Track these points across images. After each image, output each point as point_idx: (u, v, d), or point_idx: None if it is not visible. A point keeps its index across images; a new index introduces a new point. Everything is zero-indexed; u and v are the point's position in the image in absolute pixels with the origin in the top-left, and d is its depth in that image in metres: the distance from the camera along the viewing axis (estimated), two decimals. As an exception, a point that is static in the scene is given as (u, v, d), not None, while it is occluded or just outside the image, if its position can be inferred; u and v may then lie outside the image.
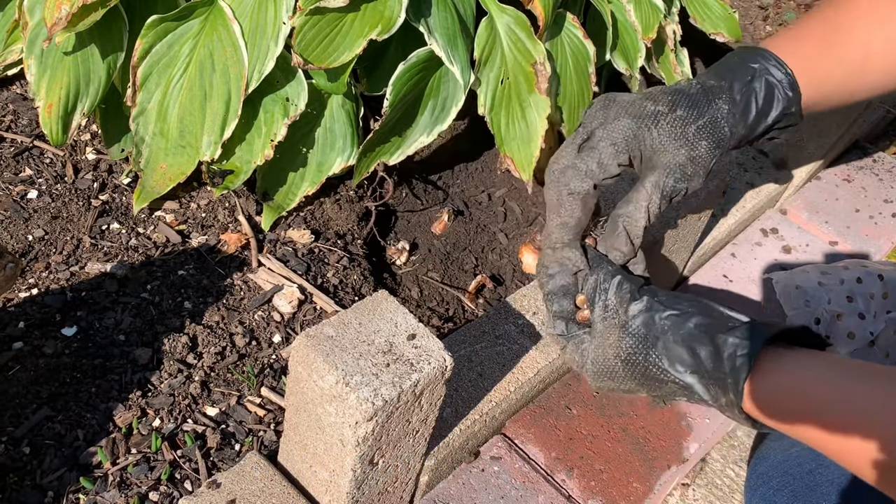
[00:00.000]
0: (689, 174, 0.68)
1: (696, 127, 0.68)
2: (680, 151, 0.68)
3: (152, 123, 0.96)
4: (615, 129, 0.68)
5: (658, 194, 0.68)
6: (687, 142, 0.68)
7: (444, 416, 0.75)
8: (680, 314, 0.63)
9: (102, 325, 0.86)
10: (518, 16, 1.02)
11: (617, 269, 0.67)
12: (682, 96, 0.69)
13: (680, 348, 0.62)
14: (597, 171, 0.67)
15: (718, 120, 0.68)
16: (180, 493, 0.75)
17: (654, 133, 0.68)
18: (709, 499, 0.83)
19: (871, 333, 0.98)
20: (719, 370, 0.60)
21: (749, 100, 0.70)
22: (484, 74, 1.02)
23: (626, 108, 0.68)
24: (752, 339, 0.60)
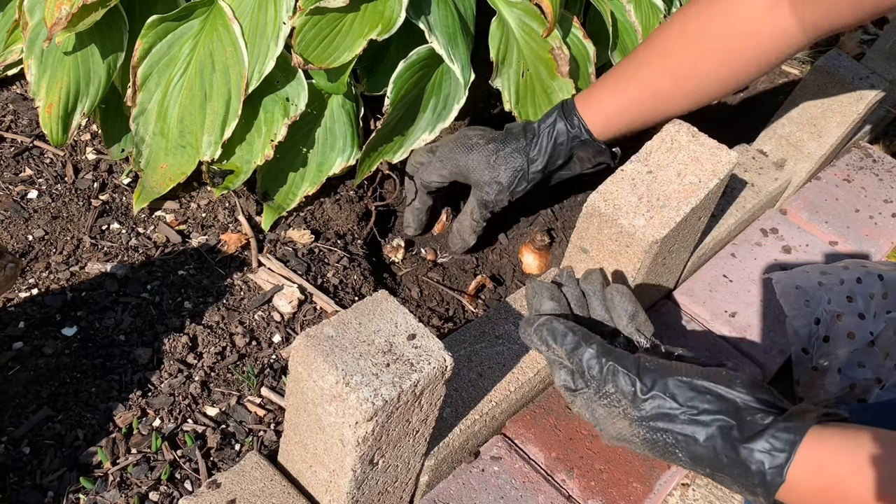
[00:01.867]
0: (495, 191, 0.97)
1: (497, 156, 0.96)
2: (485, 174, 0.97)
3: (152, 123, 0.96)
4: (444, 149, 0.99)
5: (476, 209, 1.00)
6: (489, 166, 0.96)
7: (444, 416, 0.75)
8: (698, 413, 0.63)
9: (102, 325, 0.86)
10: (528, 6, 1.03)
11: (597, 343, 0.67)
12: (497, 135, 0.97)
13: (701, 449, 0.62)
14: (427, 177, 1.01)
15: (517, 151, 0.96)
16: (180, 493, 0.75)
17: (467, 157, 0.97)
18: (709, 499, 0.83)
19: (871, 333, 0.98)
20: (748, 480, 0.61)
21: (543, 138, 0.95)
22: (504, 73, 1.03)
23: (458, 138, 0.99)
24: (780, 451, 0.59)
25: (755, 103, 1.52)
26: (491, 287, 1.06)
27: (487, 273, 1.08)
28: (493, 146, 0.96)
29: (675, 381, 0.64)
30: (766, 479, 0.59)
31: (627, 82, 0.92)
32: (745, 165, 1.14)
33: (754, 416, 0.61)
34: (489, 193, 0.97)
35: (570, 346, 0.66)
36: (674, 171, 0.88)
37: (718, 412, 0.62)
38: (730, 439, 0.61)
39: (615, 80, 0.94)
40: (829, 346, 0.98)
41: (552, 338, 0.67)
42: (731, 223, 1.06)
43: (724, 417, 0.62)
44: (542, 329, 0.68)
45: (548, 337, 0.67)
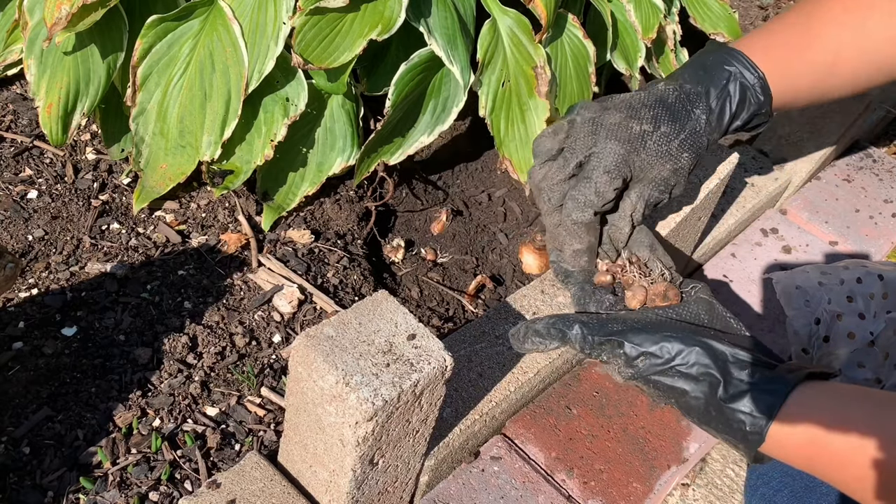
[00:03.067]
0: (671, 184, 0.73)
1: (679, 141, 0.72)
2: (665, 166, 0.72)
3: (152, 123, 0.96)
4: (606, 156, 0.71)
5: (642, 203, 0.72)
6: (671, 157, 0.72)
7: (444, 416, 0.75)
8: (689, 366, 0.64)
9: (102, 325, 0.86)
10: (519, 18, 1.02)
11: (578, 324, 0.67)
12: (663, 109, 0.73)
13: (691, 401, 0.64)
14: (595, 200, 0.70)
15: (698, 131, 0.73)
16: (180, 493, 0.75)
17: (642, 155, 0.71)
18: (709, 499, 0.83)
19: (871, 333, 0.98)
20: (731, 435, 0.62)
21: (724, 105, 0.74)
22: (486, 76, 1.02)
23: (615, 133, 0.71)
24: (761, 413, 0.60)
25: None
26: (491, 287, 1.06)
27: (487, 273, 1.08)
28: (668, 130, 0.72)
29: (665, 336, 0.65)
30: (748, 438, 0.61)
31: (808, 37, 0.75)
32: (745, 165, 1.14)
33: (741, 373, 0.62)
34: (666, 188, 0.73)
35: (558, 339, 0.67)
36: (674, 171, 0.88)
37: (707, 365, 0.63)
38: (715, 396, 0.62)
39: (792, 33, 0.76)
40: (830, 346, 0.98)
41: (541, 339, 0.68)
42: (731, 223, 1.06)
43: (712, 372, 0.63)
44: (529, 338, 0.69)
45: (538, 341, 0.68)
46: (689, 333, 0.65)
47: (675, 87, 0.74)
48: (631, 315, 0.68)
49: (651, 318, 0.67)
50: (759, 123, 0.78)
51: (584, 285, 0.72)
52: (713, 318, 0.69)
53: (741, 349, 0.64)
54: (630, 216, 0.72)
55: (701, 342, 0.64)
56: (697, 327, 0.67)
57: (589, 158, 0.71)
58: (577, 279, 0.72)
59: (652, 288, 0.70)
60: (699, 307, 0.69)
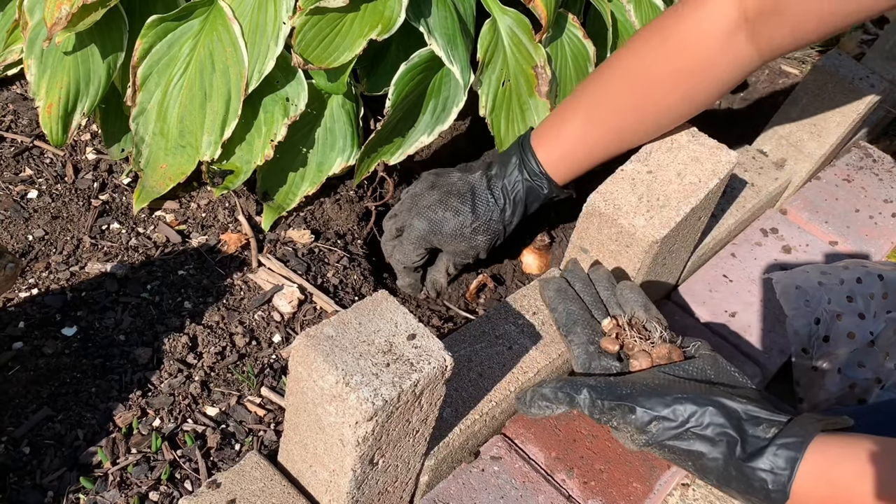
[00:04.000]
0: (470, 255, 0.97)
1: (473, 228, 0.94)
2: (460, 245, 0.95)
3: (152, 123, 0.96)
4: (413, 231, 0.95)
5: (451, 265, 1.00)
6: (465, 238, 0.94)
7: (444, 416, 0.75)
8: (703, 427, 0.64)
9: (102, 325, 0.86)
10: (519, 17, 1.02)
11: (586, 388, 0.68)
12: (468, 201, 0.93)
13: (709, 463, 0.64)
14: (406, 261, 0.99)
15: (493, 219, 0.94)
16: (180, 492, 0.75)
17: (439, 235, 0.94)
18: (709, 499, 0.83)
19: (870, 333, 0.98)
20: (753, 495, 0.63)
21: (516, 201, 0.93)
22: (486, 76, 1.02)
23: (423, 214, 0.94)
24: (783, 469, 0.60)
25: (755, 103, 1.52)
26: (491, 287, 1.06)
27: (487, 273, 1.08)
28: (464, 218, 0.93)
29: (676, 398, 0.64)
30: (771, 497, 0.60)
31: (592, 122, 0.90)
32: (745, 165, 1.14)
33: (756, 430, 0.62)
34: (465, 257, 0.98)
35: (566, 403, 0.68)
36: (674, 171, 0.88)
37: (722, 425, 0.63)
38: (734, 456, 0.62)
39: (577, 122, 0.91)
40: (830, 346, 0.98)
41: (548, 403, 0.69)
42: (731, 223, 1.06)
43: (728, 431, 0.62)
44: (535, 402, 0.70)
45: (545, 405, 0.69)
46: (699, 393, 0.65)
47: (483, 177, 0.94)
48: (639, 377, 0.68)
49: (659, 378, 0.67)
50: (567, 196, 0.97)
51: (587, 347, 0.72)
52: (719, 373, 0.69)
53: (753, 404, 0.64)
54: (445, 270, 1.01)
55: (713, 401, 0.64)
56: (706, 385, 0.67)
57: (403, 229, 0.97)
58: (580, 338, 0.73)
59: (655, 351, 0.71)
60: (704, 363, 0.69)
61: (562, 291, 0.78)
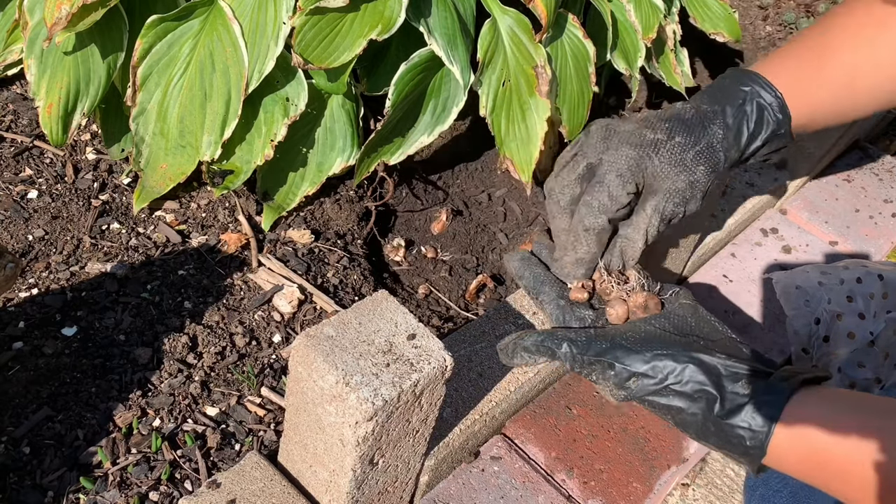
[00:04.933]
0: (687, 198, 0.71)
1: (694, 153, 0.70)
2: (680, 177, 0.70)
3: (152, 123, 0.96)
4: (618, 159, 0.69)
5: (657, 217, 0.70)
6: (686, 167, 0.70)
7: (444, 416, 0.75)
8: (683, 383, 0.64)
9: (102, 325, 0.86)
10: (519, 17, 1.02)
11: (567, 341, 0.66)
12: (679, 123, 0.71)
13: (688, 417, 0.64)
14: (609, 205, 0.68)
15: (714, 145, 0.71)
16: (180, 492, 0.75)
17: (654, 161, 0.69)
18: (709, 499, 0.83)
19: (870, 333, 0.98)
20: (731, 450, 0.62)
21: (741, 123, 0.73)
22: (486, 76, 1.02)
23: (627, 138, 0.70)
24: (760, 427, 0.60)
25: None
26: (491, 287, 1.06)
27: (488, 273, 1.08)
28: (683, 140, 0.71)
29: (656, 354, 0.64)
30: (749, 452, 0.61)
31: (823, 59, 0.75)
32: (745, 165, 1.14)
33: (735, 386, 0.62)
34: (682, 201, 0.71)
35: (547, 356, 0.67)
36: (674, 171, 0.87)
37: (701, 382, 0.63)
38: (713, 412, 0.62)
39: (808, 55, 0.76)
40: (830, 346, 0.98)
41: (529, 355, 0.68)
42: (731, 223, 1.06)
43: (706, 388, 0.62)
44: (517, 353, 0.68)
45: (526, 357, 0.68)
46: (680, 348, 0.64)
47: (691, 106, 0.73)
48: (618, 330, 0.67)
49: (639, 331, 0.67)
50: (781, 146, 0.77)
51: (558, 302, 0.70)
52: (699, 323, 0.68)
53: (733, 359, 0.64)
54: (645, 230, 0.70)
55: (693, 357, 0.63)
56: (686, 338, 0.67)
57: (601, 162, 0.70)
58: (549, 296, 0.70)
59: (631, 300, 0.69)
60: (685, 312, 0.69)
61: (525, 259, 0.74)
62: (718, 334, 0.68)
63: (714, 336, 0.67)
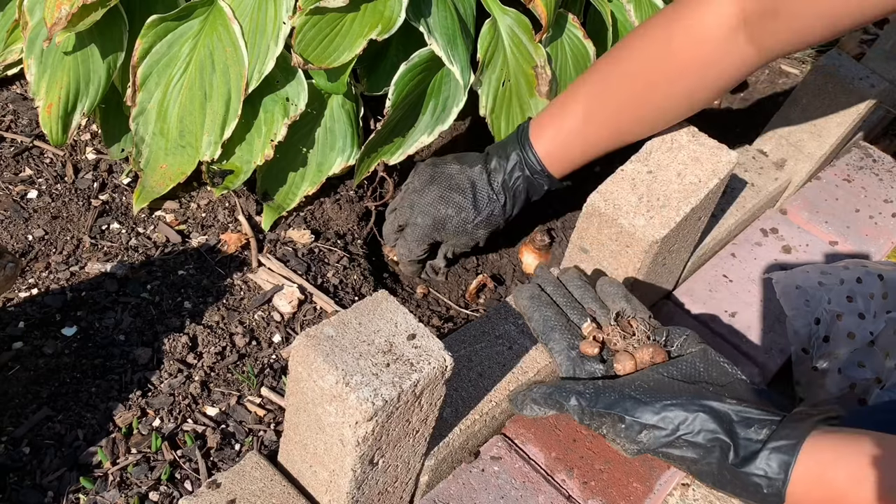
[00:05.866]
0: (469, 245, 1.00)
1: (475, 224, 0.96)
2: (461, 239, 0.98)
3: (152, 123, 0.96)
4: (417, 229, 0.97)
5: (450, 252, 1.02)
6: (467, 233, 0.97)
7: (444, 416, 0.75)
8: (695, 434, 0.64)
9: (102, 325, 0.86)
10: (519, 17, 1.02)
11: (574, 395, 0.68)
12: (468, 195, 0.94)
13: (703, 467, 0.64)
14: (411, 255, 1.00)
15: (495, 214, 0.96)
16: (180, 493, 0.75)
17: (443, 232, 0.97)
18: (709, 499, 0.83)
19: (871, 333, 0.98)
20: (748, 498, 0.63)
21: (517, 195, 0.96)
22: (486, 76, 1.02)
23: (425, 211, 0.96)
24: (777, 474, 0.60)
25: (755, 103, 1.52)
26: (491, 287, 1.06)
27: (488, 273, 1.08)
28: (467, 214, 0.95)
29: (665, 405, 0.64)
30: (767, 500, 0.61)
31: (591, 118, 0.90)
32: (745, 165, 1.14)
33: (748, 431, 0.62)
34: (466, 247, 1.01)
35: (556, 409, 0.67)
36: (674, 171, 0.88)
37: (713, 431, 0.62)
38: (727, 461, 0.62)
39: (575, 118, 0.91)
40: (830, 346, 0.98)
41: (539, 407, 0.69)
42: (731, 223, 1.06)
43: (719, 436, 0.62)
44: (527, 405, 0.71)
45: (536, 409, 0.69)
46: (690, 397, 0.64)
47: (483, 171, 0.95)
48: (627, 380, 0.67)
49: (647, 380, 0.67)
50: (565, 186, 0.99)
51: (569, 353, 0.72)
52: (709, 367, 0.68)
53: (745, 404, 0.63)
54: (444, 257, 1.02)
55: (703, 406, 0.63)
56: (695, 385, 0.66)
57: (406, 226, 0.98)
58: (560, 345, 0.73)
59: (638, 355, 0.70)
60: (694, 357, 0.69)
61: (535, 298, 0.78)
62: (728, 377, 0.67)
63: (724, 380, 0.67)
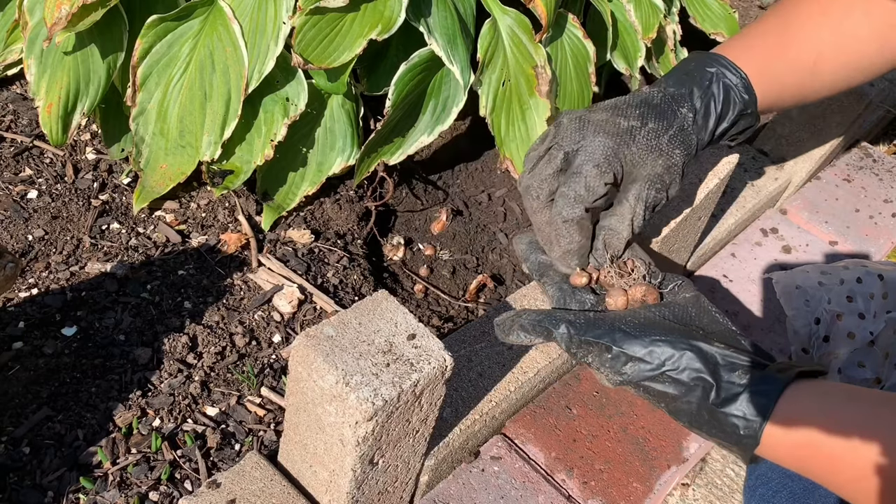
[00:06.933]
0: (667, 182, 0.71)
1: (668, 137, 0.71)
2: (657, 162, 0.71)
3: (152, 123, 0.96)
4: (595, 149, 0.69)
5: (641, 206, 0.70)
6: (662, 152, 0.71)
7: (444, 416, 0.75)
8: (679, 371, 0.63)
9: (102, 325, 0.86)
10: (519, 17, 1.02)
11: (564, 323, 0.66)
12: (650, 108, 0.72)
13: (682, 405, 0.64)
14: (586, 195, 0.68)
15: (686, 128, 0.73)
16: (180, 492, 0.75)
17: (632, 148, 0.70)
18: (709, 499, 0.83)
19: (870, 333, 0.98)
20: (724, 439, 0.62)
21: (709, 104, 0.74)
22: (486, 76, 1.02)
23: (602, 127, 0.70)
24: (754, 416, 0.60)
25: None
26: (491, 287, 1.06)
27: (488, 273, 1.08)
28: (656, 126, 0.71)
29: (654, 340, 0.64)
30: (742, 441, 0.61)
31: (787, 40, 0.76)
32: (745, 165, 1.14)
33: (731, 375, 0.62)
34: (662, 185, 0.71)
35: (544, 336, 0.66)
36: (674, 171, 0.87)
37: (698, 370, 0.63)
38: (708, 401, 0.62)
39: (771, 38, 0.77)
40: (830, 346, 0.98)
41: (526, 334, 0.67)
42: (731, 223, 1.06)
43: (703, 376, 0.62)
44: (514, 331, 0.67)
45: (522, 335, 0.67)
46: (679, 336, 0.64)
47: (658, 90, 0.74)
48: (618, 315, 0.67)
49: (638, 317, 0.66)
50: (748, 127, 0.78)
51: (561, 285, 0.70)
52: (700, 313, 0.68)
53: (731, 349, 0.64)
54: (630, 220, 0.70)
55: (691, 345, 0.63)
56: (686, 327, 0.67)
57: (577, 153, 0.69)
58: (553, 279, 0.70)
59: (631, 291, 0.69)
60: (686, 302, 0.69)
61: (533, 244, 0.73)
62: (718, 325, 0.67)
63: (714, 327, 0.67)
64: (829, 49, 0.76)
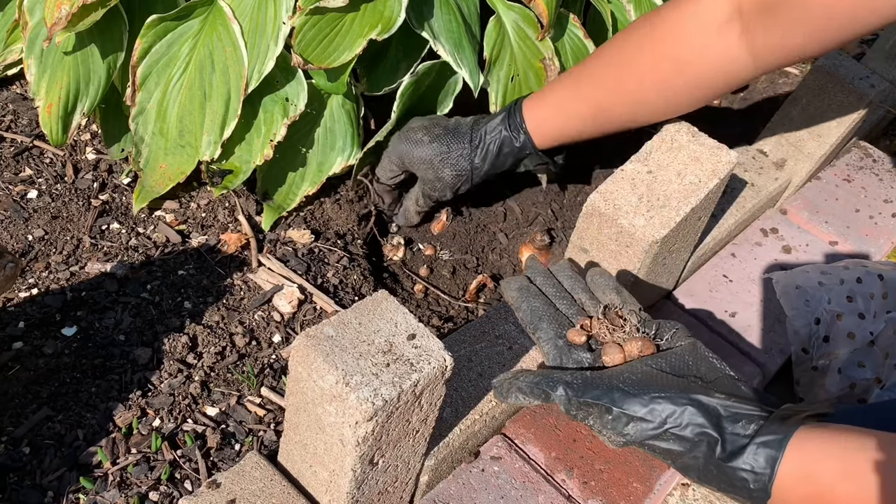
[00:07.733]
0: (437, 188, 1.00)
1: (441, 158, 0.97)
2: (428, 172, 0.99)
3: (152, 123, 0.96)
4: (391, 151, 1.00)
5: (416, 194, 1.04)
6: (433, 166, 0.98)
7: (444, 416, 0.75)
8: (682, 427, 0.63)
9: (102, 325, 0.86)
10: (524, 12, 1.03)
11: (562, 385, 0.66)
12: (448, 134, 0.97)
13: (689, 461, 0.63)
14: (381, 174, 1.04)
15: (461, 157, 0.97)
16: (180, 492, 0.75)
17: (411, 157, 0.98)
18: (709, 499, 0.83)
19: (870, 333, 0.98)
20: (734, 494, 0.62)
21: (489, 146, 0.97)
22: (494, 74, 1.02)
23: (404, 136, 0.99)
24: (763, 469, 0.60)
25: (755, 103, 1.52)
26: (491, 287, 1.06)
27: (488, 273, 1.08)
28: (437, 147, 0.96)
29: (654, 397, 0.63)
30: (753, 496, 0.60)
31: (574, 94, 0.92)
32: (745, 165, 1.14)
33: (735, 426, 0.62)
34: (432, 189, 1.00)
35: (542, 399, 0.67)
36: (674, 171, 0.88)
37: (701, 425, 0.62)
38: (714, 455, 0.61)
39: (563, 92, 0.94)
40: (830, 346, 0.98)
41: (524, 396, 0.68)
42: (731, 223, 1.06)
43: (707, 430, 0.62)
44: (512, 394, 0.69)
45: (521, 398, 0.68)
46: (678, 391, 0.64)
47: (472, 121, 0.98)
48: (615, 372, 0.67)
49: (636, 372, 0.66)
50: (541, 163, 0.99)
51: (556, 342, 0.71)
52: (697, 362, 0.68)
53: (732, 399, 0.63)
54: (415, 200, 1.05)
55: (691, 399, 0.63)
56: (684, 378, 0.66)
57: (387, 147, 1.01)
58: (547, 334, 0.71)
59: (627, 347, 0.69)
60: (683, 351, 0.68)
61: (524, 289, 0.76)
62: (717, 372, 0.67)
63: (713, 375, 0.67)
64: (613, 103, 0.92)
